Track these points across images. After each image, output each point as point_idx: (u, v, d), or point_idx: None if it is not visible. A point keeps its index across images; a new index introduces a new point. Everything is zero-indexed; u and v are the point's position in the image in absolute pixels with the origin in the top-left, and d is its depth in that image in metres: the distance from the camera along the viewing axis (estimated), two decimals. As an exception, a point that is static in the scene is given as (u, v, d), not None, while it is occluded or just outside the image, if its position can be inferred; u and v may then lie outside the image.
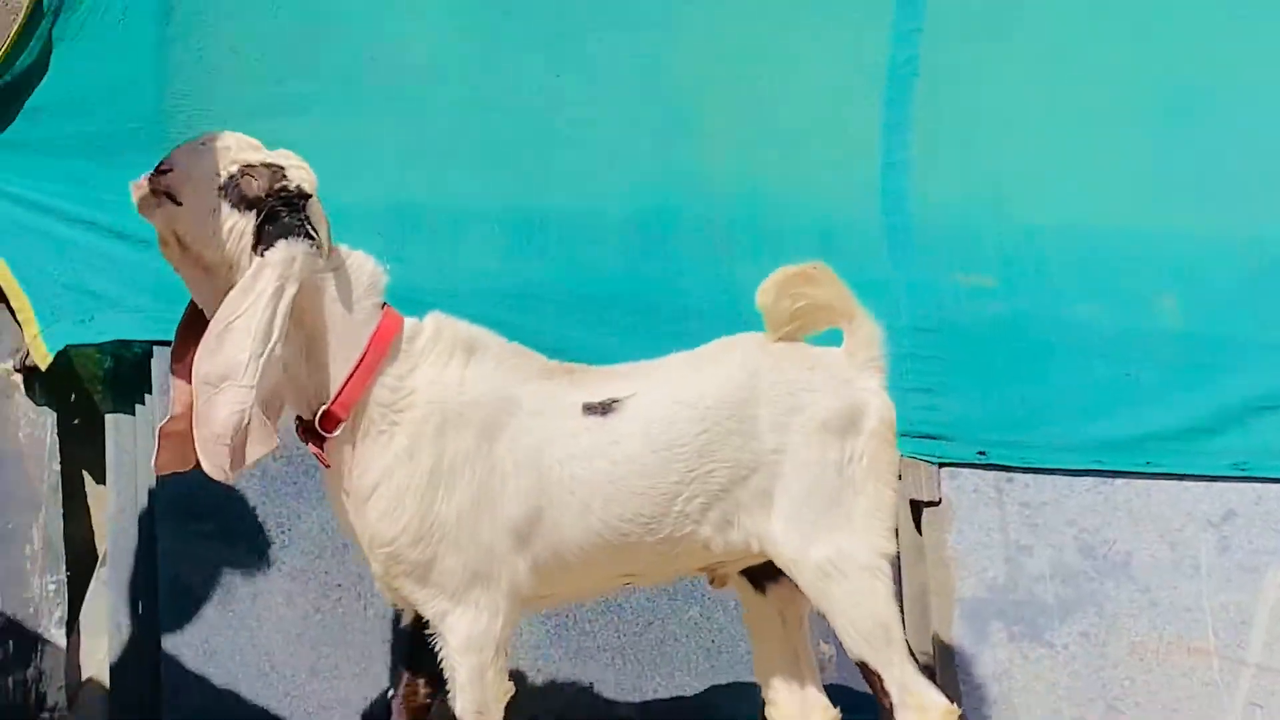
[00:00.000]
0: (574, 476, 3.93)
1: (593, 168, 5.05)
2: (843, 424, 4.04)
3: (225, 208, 3.78)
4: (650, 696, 4.82)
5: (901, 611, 4.71)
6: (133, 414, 4.82)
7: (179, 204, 3.77)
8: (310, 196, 3.83)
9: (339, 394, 3.85)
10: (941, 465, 4.95)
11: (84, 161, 4.77)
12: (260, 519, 4.75)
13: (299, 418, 3.92)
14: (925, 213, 5.14)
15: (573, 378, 4.05)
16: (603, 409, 3.96)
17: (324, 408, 3.85)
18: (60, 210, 4.77)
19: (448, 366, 3.93)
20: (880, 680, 4.04)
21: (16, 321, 4.73)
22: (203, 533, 4.68)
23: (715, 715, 4.83)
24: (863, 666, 4.05)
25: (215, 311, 3.79)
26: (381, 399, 3.86)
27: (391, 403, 3.86)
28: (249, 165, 3.81)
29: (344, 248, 3.95)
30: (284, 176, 3.81)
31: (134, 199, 3.82)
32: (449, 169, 4.99)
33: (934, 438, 4.97)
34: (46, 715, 4.65)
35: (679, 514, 3.98)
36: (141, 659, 4.69)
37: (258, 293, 3.74)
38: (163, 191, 3.78)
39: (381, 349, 3.88)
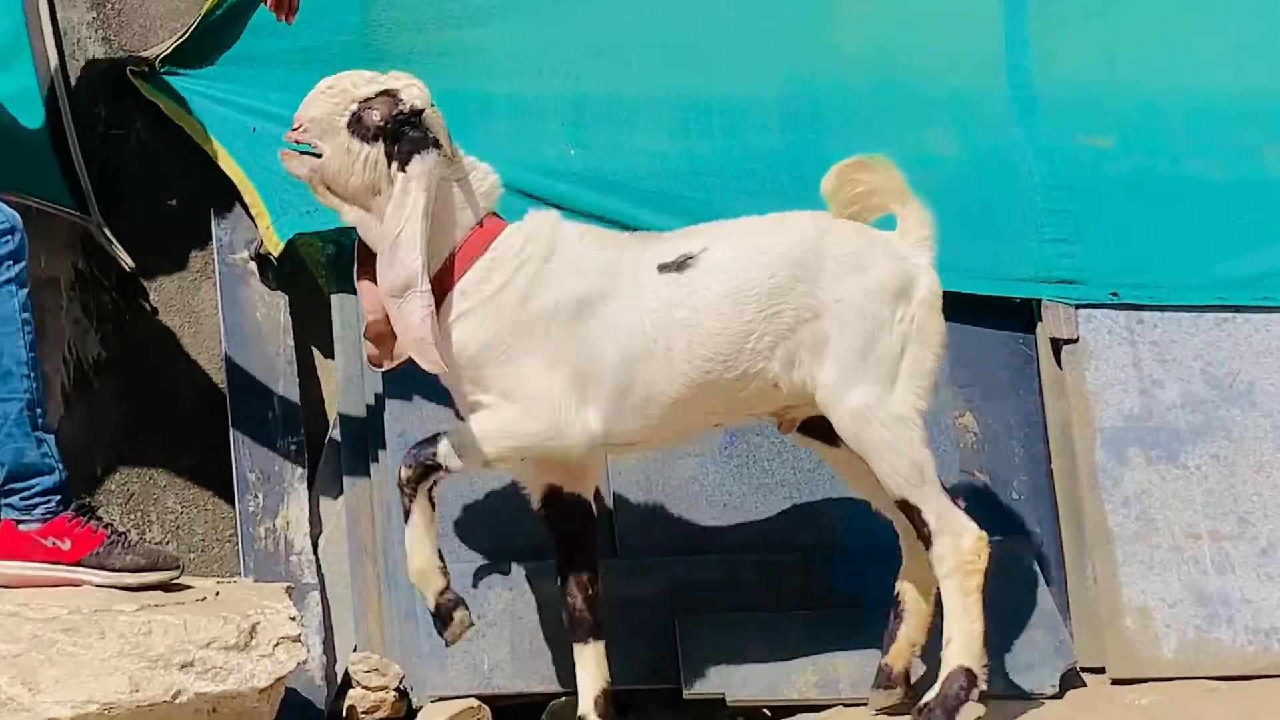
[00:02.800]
0: (656, 327, 4.13)
1: (748, 59, 5.20)
2: (896, 289, 4.23)
3: (356, 143, 4.04)
4: (824, 525, 4.90)
5: (1045, 442, 4.96)
6: (354, 293, 4.69)
7: (318, 155, 4.05)
8: (424, 110, 4.05)
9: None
10: (1078, 307, 5.10)
11: (299, 73, 4.83)
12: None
13: None
14: (1047, 84, 5.30)
15: (645, 243, 4.25)
16: (677, 266, 4.17)
17: None
18: (281, 116, 4.71)
19: (519, 273, 4.11)
20: (919, 512, 4.23)
21: (250, 216, 4.90)
22: (422, 392, 4.73)
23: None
24: (902, 504, 4.25)
25: (371, 234, 4.07)
26: (464, 287, 4.10)
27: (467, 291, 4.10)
28: (365, 100, 4.04)
29: (471, 159, 4.18)
30: (398, 99, 4.04)
31: (284, 166, 4.09)
32: (621, 65, 5.12)
33: (1070, 282, 5.13)
34: (295, 558, 4.78)
35: (752, 351, 4.16)
36: (374, 506, 4.77)
37: (410, 205, 4.00)
38: (304, 148, 4.05)
39: (471, 255, 4.11)
